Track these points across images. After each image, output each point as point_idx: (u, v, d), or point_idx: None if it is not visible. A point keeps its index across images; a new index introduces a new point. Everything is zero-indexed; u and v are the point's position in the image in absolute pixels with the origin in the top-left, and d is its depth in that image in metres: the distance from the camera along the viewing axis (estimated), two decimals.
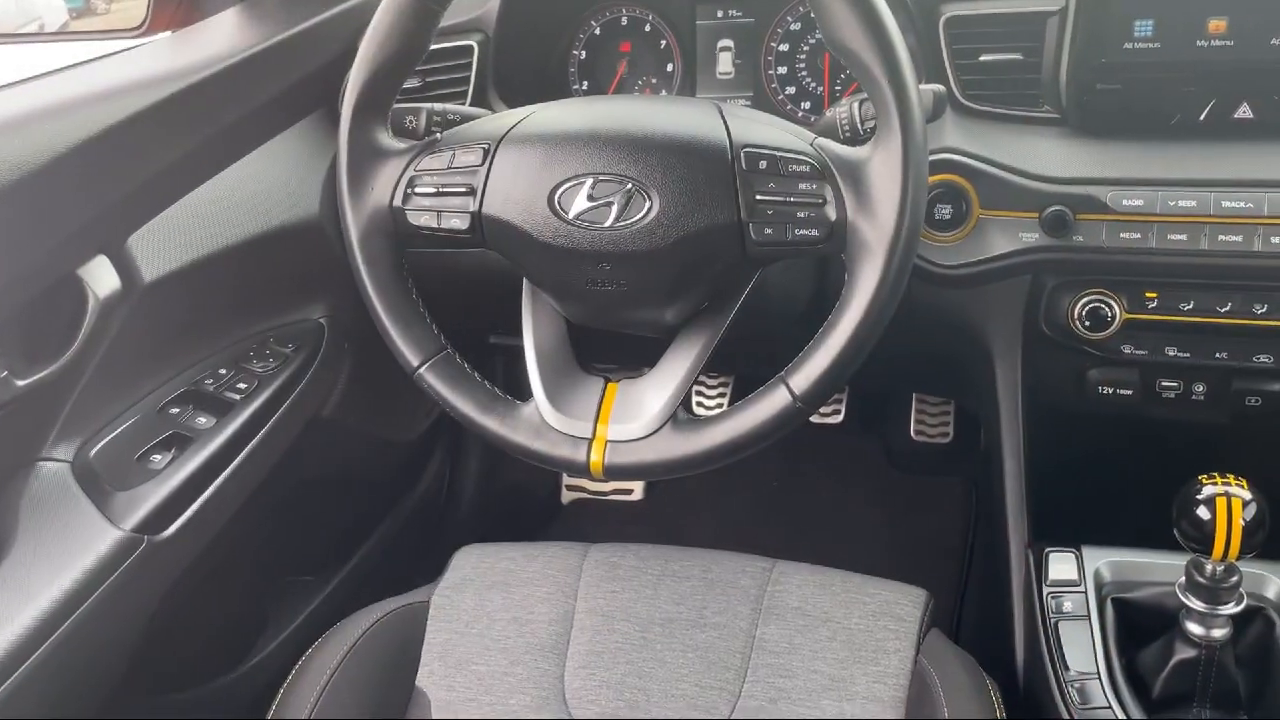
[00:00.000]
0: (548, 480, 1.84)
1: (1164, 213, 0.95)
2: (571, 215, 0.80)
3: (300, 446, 1.15)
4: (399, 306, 0.87)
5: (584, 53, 1.26)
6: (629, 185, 0.79)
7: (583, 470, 0.84)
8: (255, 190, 1.13)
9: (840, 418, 1.83)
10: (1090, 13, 0.96)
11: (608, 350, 1.15)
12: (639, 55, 1.25)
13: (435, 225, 0.84)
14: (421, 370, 0.87)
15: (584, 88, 1.27)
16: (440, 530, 1.65)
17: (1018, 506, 1.10)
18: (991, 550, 1.17)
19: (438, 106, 0.93)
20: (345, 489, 1.39)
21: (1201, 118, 0.97)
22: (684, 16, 1.22)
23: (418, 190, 0.84)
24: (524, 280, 0.91)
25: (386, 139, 0.87)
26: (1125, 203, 0.96)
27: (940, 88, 0.84)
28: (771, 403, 0.80)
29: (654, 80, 1.25)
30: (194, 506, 1.00)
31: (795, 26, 1.19)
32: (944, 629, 0.98)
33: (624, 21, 1.24)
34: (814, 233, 0.78)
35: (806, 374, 0.79)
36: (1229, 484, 0.83)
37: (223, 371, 1.09)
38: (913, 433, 1.80)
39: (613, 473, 0.84)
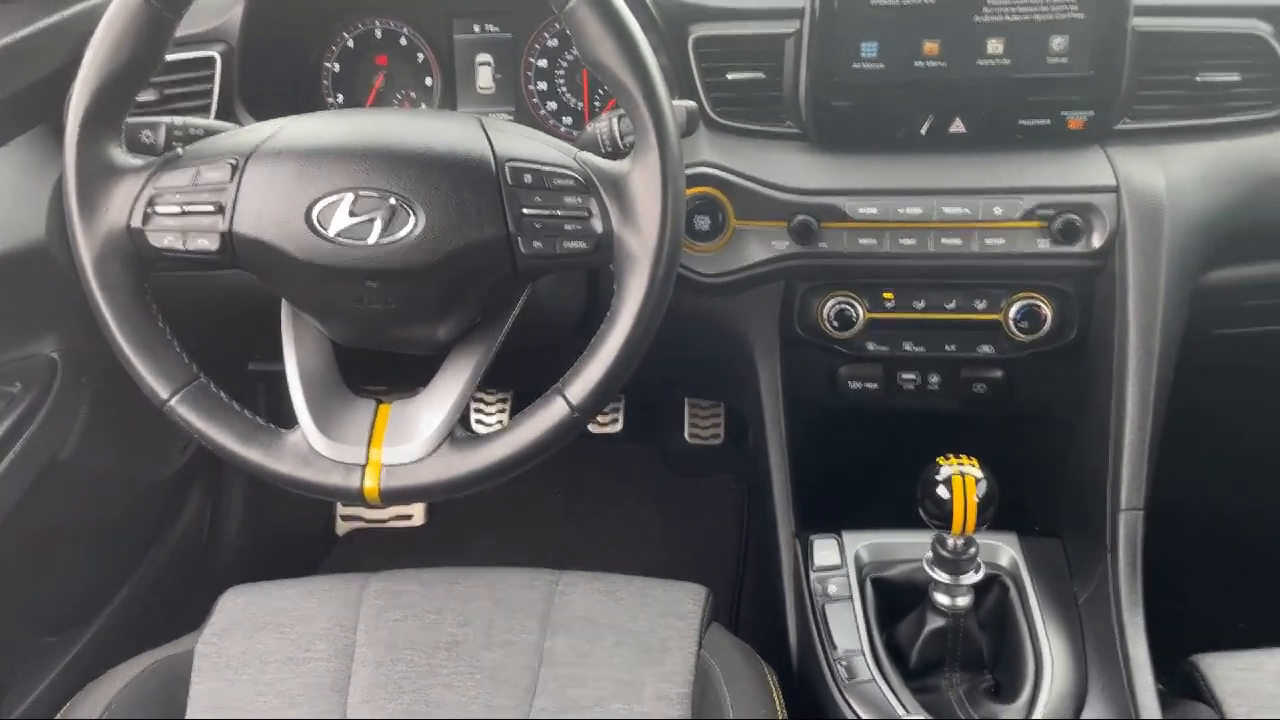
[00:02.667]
0: (320, 512, 1.77)
1: (895, 220, 1.04)
2: (332, 232, 0.77)
3: (36, 494, 1.04)
4: (143, 335, 0.81)
5: (337, 65, 1.22)
6: (392, 200, 0.77)
7: (357, 497, 0.81)
8: None
9: (619, 426, 1.87)
10: (821, 35, 1.03)
11: (378, 371, 1.12)
12: (396, 68, 1.23)
13: (181, 246, 0.79)
14: (172, 402, 0.81)
15: (339, 101, 1.24)
16: (203, 574, 1.55)
17: (784, 499, 1.16)
18: (763, 542, 1.23)
19: (178, 120, 0.88)
20: (92, 537, 1.27)
21: (923, 132, 1.06)
22: (440, 31, 1.21)
23: (159, 210, 0.79)
24: (283, 302, 0.87)
25: (120, 155, 0.81)
26: (861, 211, 1.04)
27: (692, 104, 0.88)
28: (549, 414, 0.80)
29: (413, 94, 1.23)
30: None
31: (553, 43, 1.20)
32: (724, 622, 1.02)
33: (378, 34, 1.22)
34: (582, 245, 0.79)
35: (582, 384, 0.80)
36: (963, 464, 0.91)
37: None
38: (687, 436, 1.86)
39: (390, 497, 0.82)
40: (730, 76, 1.09)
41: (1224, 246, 1.07)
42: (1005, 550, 1.07)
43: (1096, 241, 1.02)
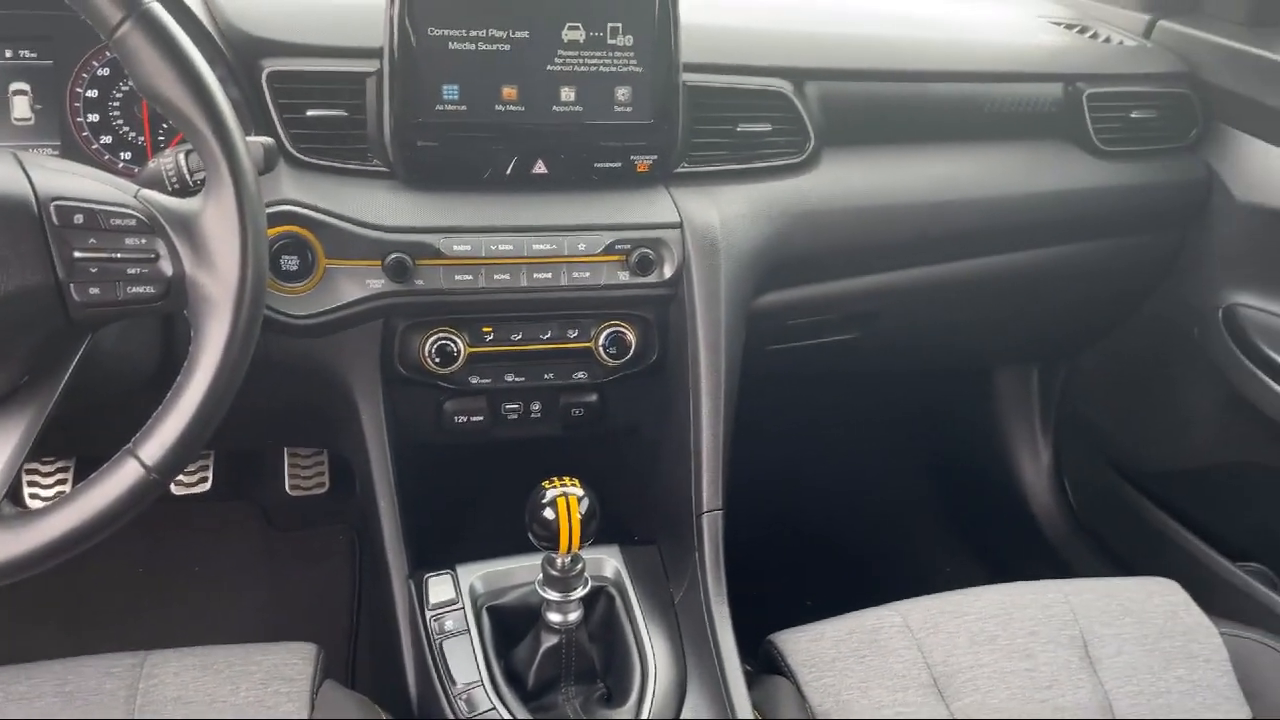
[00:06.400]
0: None
1: (488, 256, 1.07)
2: None
3: None
4: None
5: None
6: None
7: None
8: None
9: (208, 484, 1.73)
10: (403, 76, 1.03)
11: None
12: None
13: None
14: None
15: None
16: None
17: (395, 541, 1.14)
18: (378, 589, 1.20)
19: None
20: None
21: (508, 172, 1.11)
22: None
23: None
24: None
25: None
26: (456, 248, 1.06)
27: (269, 140, 0.85)
28: (120, 479, 0.73)
29: None
30: None
31: (104, 72, 1.09)
32: (340, 677, 0.98)
33: None
34: (149, 290, 0.74)
35: (159, 442, 0.74)
36: (566, 485, 0.95)
37: None
38: (288, 488, 1.77)
39: None
40: (311, 114, 1.06)
41: (770, 274, 1.24)
42: (609, 562, 1.13)
43: (667, 272, 1.12)
